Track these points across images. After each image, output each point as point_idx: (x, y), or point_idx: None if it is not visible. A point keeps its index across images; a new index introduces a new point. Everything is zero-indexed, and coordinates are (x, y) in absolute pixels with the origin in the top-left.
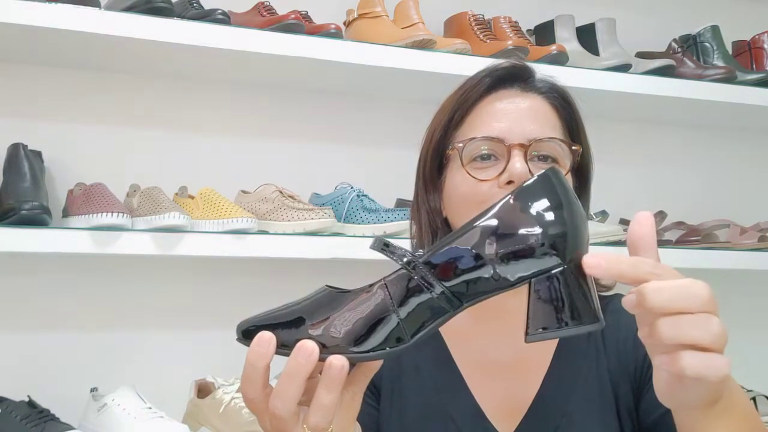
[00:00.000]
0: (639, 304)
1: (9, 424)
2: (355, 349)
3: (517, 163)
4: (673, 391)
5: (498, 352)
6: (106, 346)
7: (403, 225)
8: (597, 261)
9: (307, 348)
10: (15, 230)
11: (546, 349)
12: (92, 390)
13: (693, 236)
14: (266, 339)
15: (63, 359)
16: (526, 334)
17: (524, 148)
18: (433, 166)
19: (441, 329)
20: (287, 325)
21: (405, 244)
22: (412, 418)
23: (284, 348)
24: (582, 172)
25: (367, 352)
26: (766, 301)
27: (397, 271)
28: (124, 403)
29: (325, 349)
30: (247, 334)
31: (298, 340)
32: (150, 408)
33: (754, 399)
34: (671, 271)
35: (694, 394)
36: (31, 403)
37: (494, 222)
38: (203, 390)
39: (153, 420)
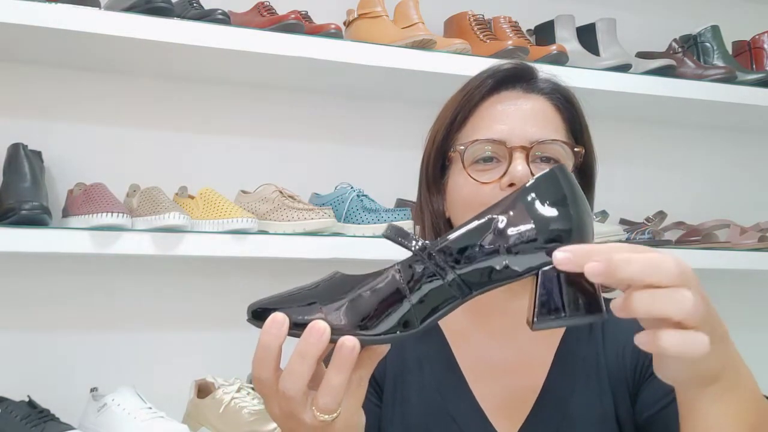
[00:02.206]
0: (608, 274)
1: (9, 424)
2: (366, 333)
3: (519, 165)
4: (661, 368)
5: (499, 352)
6: (106, 346)
7: (403, 225)
8: (564, 255)
9: (318, 328)
10: (15, 230)
11: (547, 350)
12: (92, 390)
13: (693, 236)
14: (279, 320)
15: (63, 359)
16: (533, 322)
17: (526, 150)
18: (436, 167)
19: (443, 329)
20: (299, 307)
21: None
22: (414, 417)
23: (296, 329)
24: (586, 172)
25: (378, 335)
26: (766, 301)
27: (411, 257)
28: (124, 403)
29: (337, 332)
30: (257, 315)
31: (309, 322)
32: (150, 408)
33: None
34: (645, 249)
35: (680, 371)
36: (31, 403)
37: (505, 214)
38: (203, 390)
39: (153, 420)
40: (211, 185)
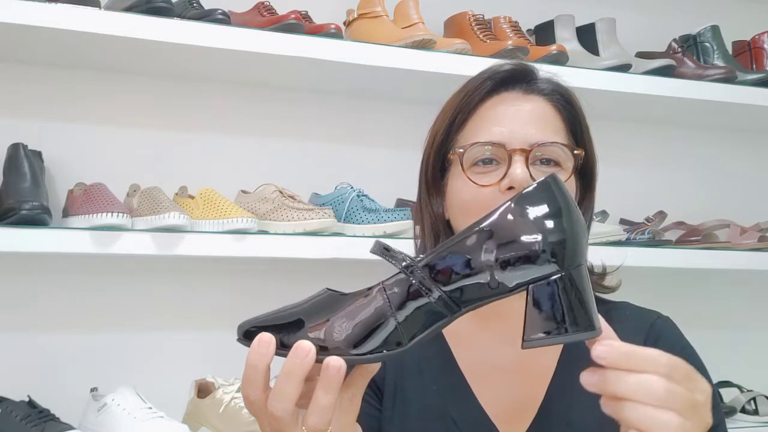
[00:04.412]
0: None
1: (9, 424)
2: (354, 352)
3: (518, 168)
4: None
5: (501, 355)
6: (106, 346)
7: (403, 225)
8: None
9: (304, 348)
10: (15, 230)
11: (550, 355)
12: (92, 390)
13: (693, 236)
14: (266, 340)
15: (63, 359)
16: (523, 340)
17: (525, 153)
18: (436, 169)
19: (444, 332)
20: (287, 327)
21: (406, 245)
22: (414, 420)
23: (284, 349)
24: (586, 173)
25: (365, 354)
26: (766, 301)
27: (395, 274)
28: (124, 403)
29: (324, 351)
30: (247, 335)
31: (296, 341)
32: (150, 408)
33: (754, 399)
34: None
35: None
36: (31, 403)
37: (493, 228)
38: (203, 390)
39: (153, 420)
40: (211, 185)
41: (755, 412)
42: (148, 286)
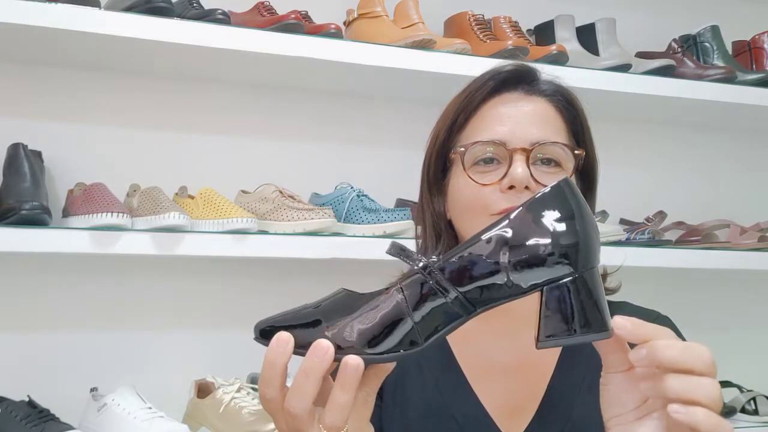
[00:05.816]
0: (649, 359)
1: (9, 424)
2: (370, 351)
3: (519, 167)
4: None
5: (501, 353)
6: (106, 346)
7: (403, 225)
8: (623, 323)
9: (322, 347)
10: (15, 230)
11: (550, 353)
12: (92, 390)
13: (693, 236)
14: (284, 339)
15: (63, 359)
16: (537, 340)
17: (526, 152)
18: (437, 169)
19: None
20: (304, 326)
21: (407, 245)
22: (414, 417)
23: (301, 348)
24: (587, 174)
25: (381, 353)
26: (766, 301)
27: (412, 275)
28: (124, 403)
29: (341, 350)
30: (264, 333)
31: (314, 340)
32: (150, 408)
33: (754, 399)
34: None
35: None
36: (31, 403)
37: (509, 230)
38: (203, 390)
39: (153, 420)
40: (211, 185)
41: (755, 412)
42: (148, 286)
